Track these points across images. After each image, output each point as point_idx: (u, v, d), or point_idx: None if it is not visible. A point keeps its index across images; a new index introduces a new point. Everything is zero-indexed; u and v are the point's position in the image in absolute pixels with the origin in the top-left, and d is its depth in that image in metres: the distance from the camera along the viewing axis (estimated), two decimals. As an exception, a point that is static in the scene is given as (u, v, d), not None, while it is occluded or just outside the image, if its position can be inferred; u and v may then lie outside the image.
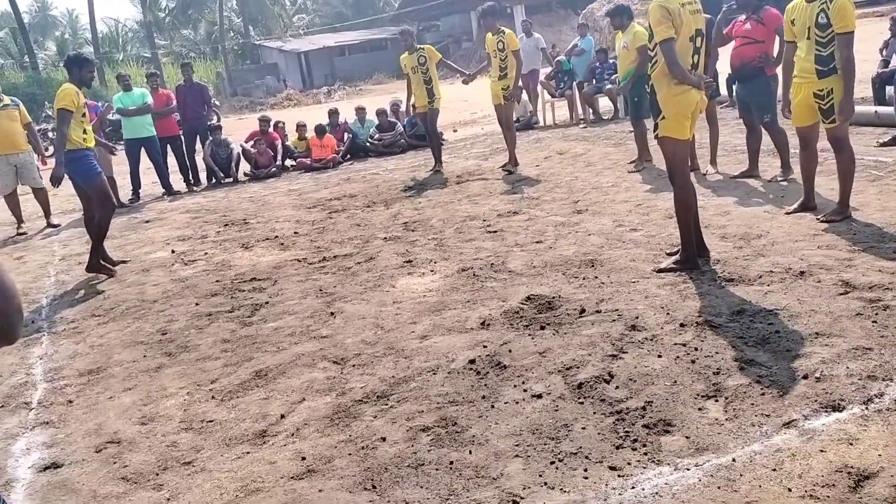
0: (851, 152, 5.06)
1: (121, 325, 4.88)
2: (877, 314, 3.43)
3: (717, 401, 2.88)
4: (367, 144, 11.78)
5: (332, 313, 4.54)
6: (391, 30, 41.14)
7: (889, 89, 7.95)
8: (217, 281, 5.63)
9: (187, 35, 46.56)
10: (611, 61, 11.72)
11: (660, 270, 4.44)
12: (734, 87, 6.65)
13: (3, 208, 9.36)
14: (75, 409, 3.63)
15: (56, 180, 5.97)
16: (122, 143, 11.47)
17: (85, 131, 6.09)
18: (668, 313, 3.79)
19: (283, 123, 12.34)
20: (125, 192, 10.32)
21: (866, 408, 2.69)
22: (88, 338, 4.72)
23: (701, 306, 3.83)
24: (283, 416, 3.25)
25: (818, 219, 5.05)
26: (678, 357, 3.28)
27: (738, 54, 6.34)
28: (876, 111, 7.99)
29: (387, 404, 3.24)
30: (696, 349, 3.33)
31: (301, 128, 11.78)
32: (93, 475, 2.97)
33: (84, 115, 6.13)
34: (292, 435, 3.08)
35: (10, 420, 3.61)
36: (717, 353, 3.27)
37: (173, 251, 6.82)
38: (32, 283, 6.33)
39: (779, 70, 5.83)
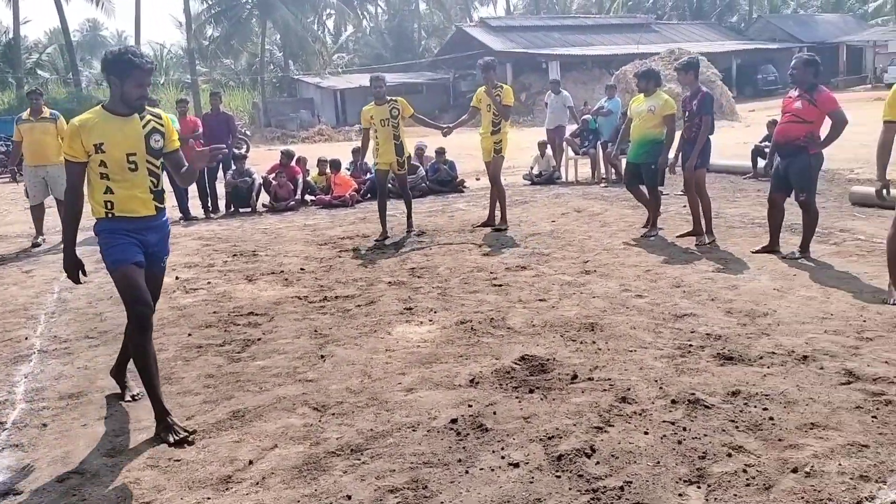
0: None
1: (111, 350, 4.81)
2: (878, 409, 3.28)
3: (699, 487, 2.75)
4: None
5: (322, 356, 4.47)
6: (427, 74, 41.77)
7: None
8: (214, 312, 5.58)
9: (228, 64, 47.64)
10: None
11: None
12: (775, 162, 6.43)
13: (25, 221, 9.44)
14: (47, 434, 3.57)
15: None
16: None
17: (109, 189, 3.73)
18: (661, 387, 3.66)
19: (307, 159, 12.44)
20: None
21: (855, 511, 2.55)
22: (77, 360, 4.68)
23: (695, 383, 3.69)
24: (251, 462, 3.16)
25: None
26: (665, 436, 3.15)
27: (784, 131, 6.17)
28: None
29: (359, 459, 3.14)
30: (684, 429, 3.19)
31: (322, 163, 11.87)
32: (48, 507, 2.89)
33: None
34: (257, 483, 2.98)
35: (-20, 440, 3.55)
36: (705, 435, 3.13)
37: (177, 278, 6.81)
38: (35, 298, 6.33)
39: (826, 149, 6.02)
